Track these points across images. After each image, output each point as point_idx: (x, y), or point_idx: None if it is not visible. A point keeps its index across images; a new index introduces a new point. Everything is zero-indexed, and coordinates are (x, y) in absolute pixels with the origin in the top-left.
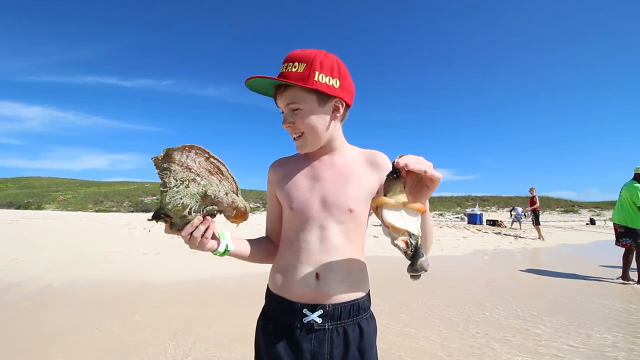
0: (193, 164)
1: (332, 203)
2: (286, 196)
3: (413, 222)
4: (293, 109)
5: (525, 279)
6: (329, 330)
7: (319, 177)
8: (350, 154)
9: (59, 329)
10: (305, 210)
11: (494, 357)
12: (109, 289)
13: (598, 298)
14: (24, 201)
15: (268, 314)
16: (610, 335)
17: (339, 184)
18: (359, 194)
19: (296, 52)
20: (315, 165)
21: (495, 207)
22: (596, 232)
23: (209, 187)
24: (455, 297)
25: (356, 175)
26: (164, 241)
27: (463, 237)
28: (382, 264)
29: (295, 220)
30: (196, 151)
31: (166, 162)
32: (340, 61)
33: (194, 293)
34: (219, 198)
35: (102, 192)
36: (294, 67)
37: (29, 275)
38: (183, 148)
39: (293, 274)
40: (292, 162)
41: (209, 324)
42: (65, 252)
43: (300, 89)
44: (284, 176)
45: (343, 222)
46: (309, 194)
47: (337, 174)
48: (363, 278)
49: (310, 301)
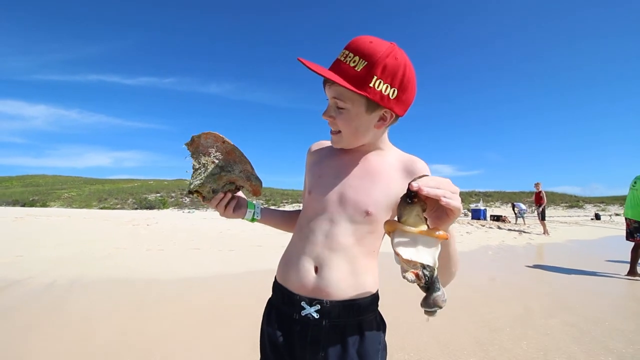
0: (212, 149)
1: (350, 200)
2: (309, 181)
3: (429, 252)
4: (338, 106)
5: (530, 275)
6: (326, 326)
7: (346, 172)
8: (388, 156)
9: (65, 323)
10: (321, 200)
11: (500, 352)
12: (113, 285)
13: (604, 294)
14: (29, 199)
15: (273, 302)
16: (616, 332)
17: (364, 183)
18: (383, 198)
19: (363, 41)
20: (347, 159)
21: (499, 202)
22: (602, 228)
23: (226, 166)
24: (460, 292)
25: (386, 179)
26: (167, 237)
27: (467, 232)
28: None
29: (309, 208)
30: (214, 137)
31: (192, 146)
32: (408, 65)
33: (198, 289)
34: (236, 176)
35: (106, 190)
36: (353, 62)
37: (33, 272)
38: (204, 134)
39: (295, 264)
40: (327, 149)
41: (213, 319)
42: (69, 249)
43: (339, 88)
44: (315, 160)
45: (356, 223)
46: (331, 185)
47: (365, 172)
48: (368, 280)
49: (309, 294)
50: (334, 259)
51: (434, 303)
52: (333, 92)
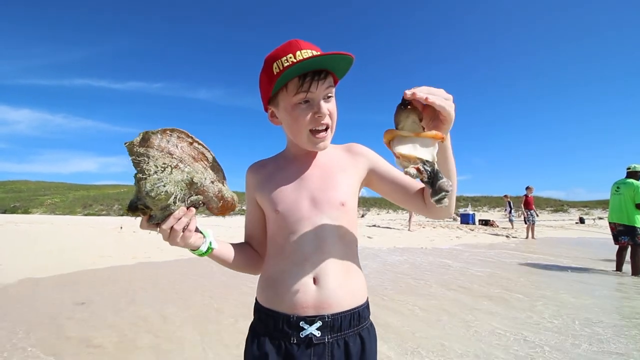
0: (175, 149)
1: (323, 200)
2: (269, 199)
3: (427, 150)
4: (329, 95)
5: (519, 277)
6: (329, 343)
7: (304, 176)
8: (329, 149)
9: (40, 336)
10: (294, 211)
11: (488, 353)
12: (95, 293)
13: (593, 291)
14: (10, 205)
15: (258, 331)
16: (606, 326)
17: (327, 180)
18: (348, 186)
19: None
20: (298, 165)
21: (487, 207)
22: (586, 231)
23: (194, 175)
24: (450, 296)
25: (342, 169)
26: (154, 244)
27: (457, 237)
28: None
29: (283, 224)
30: (178, 135)
31: (143, 147)
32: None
33: (186, 297)
34: (205, 187)
35: (92, 196)
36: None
37: (12, 281)
38: (163, 131)
39: (288, 283)
40: (271, 164)
41: (203, 327)
42: (52, 257)
43: (333, 76)
44: (264, 178)
45: (336, 218)
46: (296, 194)
47: (322, 170)
48: (361, 283)
49: (308, 312)
50: (329, 264)
51: (440, 189)
52: (327, 83)
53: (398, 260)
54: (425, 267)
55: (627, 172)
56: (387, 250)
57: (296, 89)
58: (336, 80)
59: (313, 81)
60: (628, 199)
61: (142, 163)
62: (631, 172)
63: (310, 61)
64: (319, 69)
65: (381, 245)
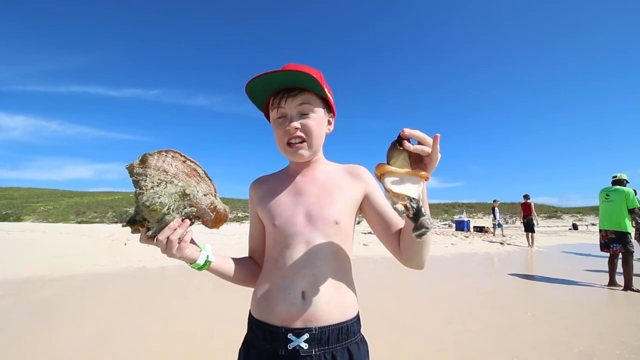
0: (170, 167)
1: (317, 216)
2: (268, 213)
3: (414, 187)
4: (304, 112)
5: (512, 285)
6: (316, 356)
7: (302, 192)
8: (330, 168)
9: (30, 349)
10: (289, 226)
11: None
12: (89, 302)
13: (585, 304)
14: (1, 213)
15: (250, 342)
16: (595, 341)
17: (323, 197)
18: (344, 206)
19: (299, 65)
20: (298, 181)
21: (482, 213)
22: (579, 238)
23: (187, 187)
24: (445, 303)
25: (339, 188)
26: (148, 252)
27: (452, 243)
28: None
29: (279, 238)
30: (172, 155)
31: (142, 167)
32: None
33: (179, 307)
34: (198, 199)
35: (85, 203)
36: (304, 73)
37: (3, 291)
38: (159, 152)
39: (277, 295)
40: (272, 179)
41: (201, 336)
42: (43, 265)
43: (314, 95)
44: (265, 193)
45: (329, 236)
46: (293, 209)
47: (320, 187)
48: (352, 298)
49: (296, 325)
50: (319, 279)
51: (421, 225)
52: (299, 100)
53: (391, 274)
54: (417, 277)
55: (612, 181)
56: (381, 259)
57: (273, 106)
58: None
59: (282, 97)
60: (619, 206)
61: (140, 181)
62: (617, 180)
63: (268, 77)
64: (290, 87)
65: (376, 253)
